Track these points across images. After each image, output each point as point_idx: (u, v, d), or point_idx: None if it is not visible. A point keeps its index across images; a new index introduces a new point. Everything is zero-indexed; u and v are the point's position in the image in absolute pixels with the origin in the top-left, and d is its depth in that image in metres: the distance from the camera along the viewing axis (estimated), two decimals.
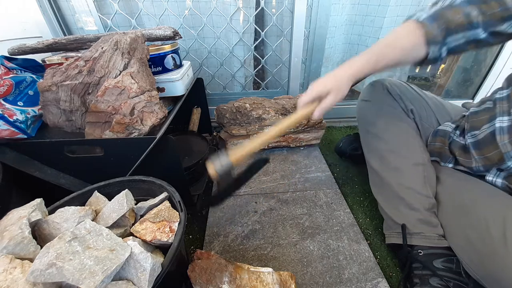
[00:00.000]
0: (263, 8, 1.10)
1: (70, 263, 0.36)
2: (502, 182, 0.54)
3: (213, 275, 0.54)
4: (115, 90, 0.59)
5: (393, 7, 1.10)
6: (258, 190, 0.92)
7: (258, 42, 1.19)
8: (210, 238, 0.74)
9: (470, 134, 0.58)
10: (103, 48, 0.64)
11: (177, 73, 0.80)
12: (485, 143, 0.54)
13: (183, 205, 0.53)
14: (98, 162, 0.63)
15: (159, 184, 0.58)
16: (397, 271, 0.66)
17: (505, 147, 0.50)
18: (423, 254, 0.59)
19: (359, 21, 1.21)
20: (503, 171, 0.52)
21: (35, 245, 0.42)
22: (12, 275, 0.37)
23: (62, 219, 0.47)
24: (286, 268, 0.66)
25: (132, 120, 0.59)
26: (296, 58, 1.18)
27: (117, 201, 0.51)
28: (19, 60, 0.76)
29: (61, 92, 0.63)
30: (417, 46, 0.48)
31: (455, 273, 0.55)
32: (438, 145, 0.66)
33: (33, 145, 0.63)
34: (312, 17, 1.14)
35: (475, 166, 0.58)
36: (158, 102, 0.62)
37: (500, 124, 0.51)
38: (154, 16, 1.07)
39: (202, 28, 1.13)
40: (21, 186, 0.64)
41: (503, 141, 0.50)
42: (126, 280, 0.40)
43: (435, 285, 0.55)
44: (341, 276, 0.63)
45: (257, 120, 1.05)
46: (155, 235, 0.46)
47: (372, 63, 0.50)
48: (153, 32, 0.76)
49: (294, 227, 0.77)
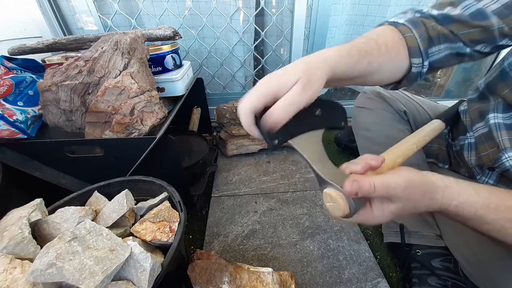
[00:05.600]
0: (263, 8, 1.10)
1: (70, 263, 0.36)
2: (493, 184, 0.54)
3: (213, 275, 0.54)
4: (115, 90, 0.59)
5: (393, 7, 1.10)
6: (258, 190, 0.92)
7: (258, 42, 1.19)
8: (210, 238, 0.74)
9: (463, 136, 0.58)
10: (103, 48, 0.64)
11: (177, 73, 0.80)
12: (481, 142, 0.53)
13: (183, 205, 0.53)
14: (98, 162, 0.63)
15: (159, 184, 0.58)
16: (397, 271, 0.66)
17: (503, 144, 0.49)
18: (421, 254, 0.59)
19: (359, 21, 1.21)
20: (494, 171, 0.52)
21: (35, 245, 0.42)
22: (12, 275, 0.37)
23: (62, 219, 0.47)
24: (286, 268, 0.66)
25: (132, 120, 0.59)
26: (296, 58, 1.17)
27: (117, 201, 0.51)
28: (19, 60, 0.76)
29: (61, 92, 0.63)
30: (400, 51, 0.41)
31: (453, 272, 0.55)
32: (435, 147, 0.67)
33: (33, 145, 0.63)
34: (312, 17, 1.14)
35: (462, 171, 0.59)
36: (158, 102, 0.62)
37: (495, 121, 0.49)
38: (154, 16, 1.06)
39: (202, 28, 1.13)
40: (21, 186, 0.64)
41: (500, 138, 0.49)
42: (126, 280, 0.40)
43: (433, 284, 0.55)
44: (341, 276, 0.64)
45: None
46: (155, 235, 0.46)
47: (353, 56, 0.35)
48: (153, 32, 0.76)
49: (294, 227, 0.77)
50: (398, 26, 0.42)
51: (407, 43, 0.40)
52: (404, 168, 0.32)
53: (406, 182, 0.29)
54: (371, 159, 0.32)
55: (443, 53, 0.43)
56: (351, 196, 0.28)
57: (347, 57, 0.35)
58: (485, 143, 0.51)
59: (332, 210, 0.31)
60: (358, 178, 0.28)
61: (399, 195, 0.29)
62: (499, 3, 0.38)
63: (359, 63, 0.36)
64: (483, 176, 0.53)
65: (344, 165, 0.33)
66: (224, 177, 0.99)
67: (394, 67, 0.42)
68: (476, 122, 0.53)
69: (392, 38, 0.40)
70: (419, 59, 0.41)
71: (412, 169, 0.32)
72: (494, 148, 0.49)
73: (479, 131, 0.53)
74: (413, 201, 0.31)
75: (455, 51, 0.42)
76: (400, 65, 0.42)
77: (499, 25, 0.38)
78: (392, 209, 0.31)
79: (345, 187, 0.28)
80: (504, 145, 0.47)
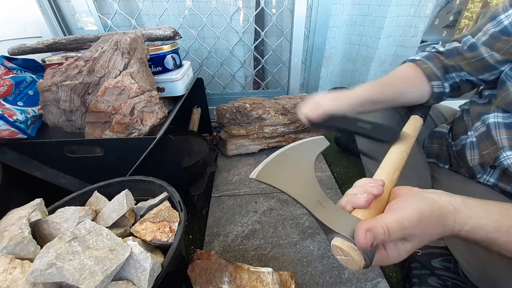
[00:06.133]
0: (263, 8, 1.10)
1: (70, 263, 0.36)
2: (494, 182, 0.54)
3: (213, 275, 0.54)
4: (115, 90, 0.59)
5: (394, 7, 1.10)
6: (258, 190, 0.92)
7: (258, 42, 1.19)
8: (210, 238, 0.74)
9: (464, 136, 0.58)
10: (103, 48, 0.64)
11: (177, 73, 0.80)
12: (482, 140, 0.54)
13: (183, 205, 0.53)
14: (98, 162, 0.63)
15: (159, 184, 0.58)
16: (397, 271, 0.66)
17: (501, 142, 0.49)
18: (422, 254, 0.59)
19: (360, 21, 1.21)
20: (496, 169, 0.52)
21: (35, 245, 0.42)
22: (12, 275, 0.37)
23: (62, 219, 0.47)
24: (286, 268, 0.66)
25: (132, 120, 0.59)
26: (296, 58, 1.18)
27: (117, 201, 0.51)
28: (19, 60, 0.76)
29: (61, 92, 0.63)
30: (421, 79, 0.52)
31: (453, 272, 0.55)
32: (435, 147, 0.67)
33: (33, 145, 0.63)
34: (312, 17, 1.14)
35: (462, 171, 0.59)
36: (158, 102, 0.62)
37: (495, 120, 0.51)
38: (154, 16, 1.07)
39: (202, 28, 1.13)
40: (21, 186, 0.64)
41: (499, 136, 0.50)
42: (126, 280, 0.40)
43: (433, 284, 0.55)
44: (341, 276, 0.64)
45: (257, 120, 1.05)
46: (155, 235, 0.46)
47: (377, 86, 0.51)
48: (153, 32, 0.76)
49: (294, 227, 0.77)
50: (416, 62, 0.54)
51: (424, 72, 0.53)
52: (405, 196, 0.30)
53: (419, 216, 0.27)
54: (371, 187, 0.29)
55: (457, 79, 0.53)
56: (367, 249, 0.24)
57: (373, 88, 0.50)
58: (485, 141, 0.51)
59: (345, 264, 0.27)
60: (371, 227, 0.25)
61: (414, 233, 0.27)
62: (487, 35, 0.47)
63: (385, 90, 0.51)
64: (484, 174, 0.53)
65: (343, 200, 0.31)
66: (224, 177, 0.99)
67: (418, 90, 0.53)
68: (476, 121, 0.54)
69: (412, 71, 0.54)
70: (438, 81, 0.53)
71: (415, 195, 0.30)
72: (494, 146, 0.49)
73: (479, 129, 0.53)
74: (428, 234, 0.28)
75: (464, 78, 0.53)
76: (423, 88, 0.53)
77: (489, 53, 0.47)
78: (408, 248, 0.28)
79: (358, 240, 0.24)
80: (502, 143, 0.47)
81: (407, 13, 1.14)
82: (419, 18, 1.13)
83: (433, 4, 1.11)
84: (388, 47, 1.22)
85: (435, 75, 0.52)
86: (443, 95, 0.54)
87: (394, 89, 0.52)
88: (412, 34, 1.17)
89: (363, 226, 0.25)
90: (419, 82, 0.53)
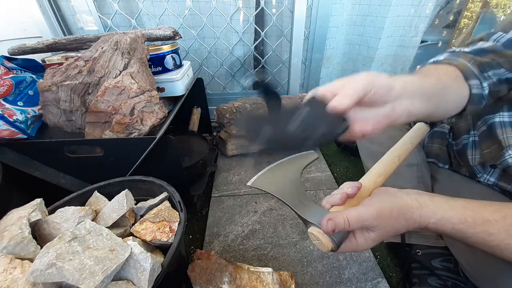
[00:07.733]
0: (263, 8, 1.10)
1: (70, 263, 0.36)
2: (494, 182, 0.54)
3: (213, 275, 0.54)
4: (115, 90, 0.59)
5: (394, 7, 1.10)
6: (258, 190, 0.91)
7: (258, 42, 1.19)
8: (210, 238, 0.74)
9: (466, 135, 0.58)
10: (103, 48, 0.64)
11: (177, 73, 0.80)
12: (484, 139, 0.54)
13: (183, 205, 0.53)
14: (98, 162, 0.63)
15: (159, 184, 0.58)
16: (397, 271, 0.66)
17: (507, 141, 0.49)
18: (422, 254, 0.59)
19: (360, 21, 1.21)
20: (496, 168, 0.52)
21: (35, 245, 0.42)
22: (12, 275, 0.37)
23: (62, 219, 0.47)
24: (286, 268, 0.66)
25: (132, 120, 0.59)
26: (296, 58, 1.18)
27: (117, 201, 0.51)
28: (19, 60, 0.76)
29: (61, 92, 0.63)
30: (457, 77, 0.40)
31: (453, 272, 0.55)
32: (435, 147, 0.66)
33: (33, 145, 0.63)
34: (312, 17, 1.14)
35: (462, 170, 0.58)
36: (158, 102, 0.62)
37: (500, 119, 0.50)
38: (154, 16, 1.06)
39: (202, 28, 1.13)
40: (21, 186, 0.64)
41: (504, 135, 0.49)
42: (126, 280, 0.40)
43: (433, 284, 0.55)
44: (341, 276, 0.63)
45: None
46: (155, 235, 0.46)
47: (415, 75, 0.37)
48: (153, 32, 0.76)
49: (294, 227, 0.77)
50: (441, 62, 0.42)
51: (459, 68, 0.40)
52: (378, 194, 0.35)
53: (377, 211, 0.31)
54: (347, 188, 0.35)
55: (494, 79, 0.42)
56: (329, 233, 0.31)
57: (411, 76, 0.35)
58: (487, 140, 0.51)
59: (318, 247, 0.34)
60: (333, 216, 0.30)
61: (374, 225, 0.32)
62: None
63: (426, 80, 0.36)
64: (484, 173, 0.53)
65: (324, 200, 0.36)
66: (224, 177, 0.99)
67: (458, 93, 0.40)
68: (478, 121, 0.54)
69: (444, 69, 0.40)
70: (476, 80, 0.40)
71: (386, 194, 0.35)
72: (495, 146, 0.49)
73: (481, 129, 0.53)
74: (390, 226, 0.33)
75: (502, 77, 0.42)
76: (461, 90, 0.40)
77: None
78: (372, 237, 0.33)
79: (322, 227, 0.31)
80: (508, 142, 0.47)
81: (407, 13, 1.13)
82: (419, 18, 1.13)
83: (433, 4, 1.11)
84: (389, 47, 1.22)
85: (472, 72, 0.40)
86: (482, 98, 0.42)
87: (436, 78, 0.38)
88: (412, 34, 1.17)
89: (327, 216, 0.31)
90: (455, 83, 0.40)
